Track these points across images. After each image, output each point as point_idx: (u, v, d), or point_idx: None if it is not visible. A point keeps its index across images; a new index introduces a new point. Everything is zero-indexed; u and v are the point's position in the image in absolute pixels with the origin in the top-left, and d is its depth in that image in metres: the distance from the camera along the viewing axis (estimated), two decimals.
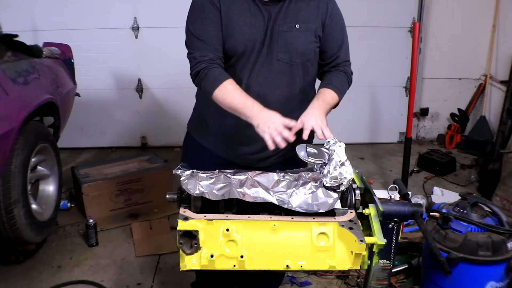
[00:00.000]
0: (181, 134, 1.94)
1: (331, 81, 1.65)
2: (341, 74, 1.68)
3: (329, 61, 1.69)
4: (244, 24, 1.56)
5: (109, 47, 4.15)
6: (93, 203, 3.00)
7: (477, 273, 2.04)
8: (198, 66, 1.55)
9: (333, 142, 1.37)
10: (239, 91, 1.52)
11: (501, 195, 3.17)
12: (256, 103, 1.49)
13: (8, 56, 2.61)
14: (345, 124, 4.33)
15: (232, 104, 1.51)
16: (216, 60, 1.56)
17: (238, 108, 1.49)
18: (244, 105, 1.48)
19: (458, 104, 4.60)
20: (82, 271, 2.58)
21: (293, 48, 1.59)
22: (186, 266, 1.20)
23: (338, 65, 1.70)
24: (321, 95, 1.58)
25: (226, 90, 1.51)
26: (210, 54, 1.55)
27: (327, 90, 1.60)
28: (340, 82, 1.66)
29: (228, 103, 1.52)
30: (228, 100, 1.51)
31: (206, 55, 1.55)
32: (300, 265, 1.21)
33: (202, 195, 1.27)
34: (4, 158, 2.28)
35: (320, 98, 1.57)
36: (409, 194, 1.74)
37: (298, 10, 1.59)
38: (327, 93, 1.59)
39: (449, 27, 4.43)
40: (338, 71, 1.69)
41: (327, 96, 1.58)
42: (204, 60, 1.55)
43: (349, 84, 1.72)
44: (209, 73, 1.53)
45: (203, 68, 1.54)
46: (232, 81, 1.54)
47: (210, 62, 1.55)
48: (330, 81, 1.64)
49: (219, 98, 1.53)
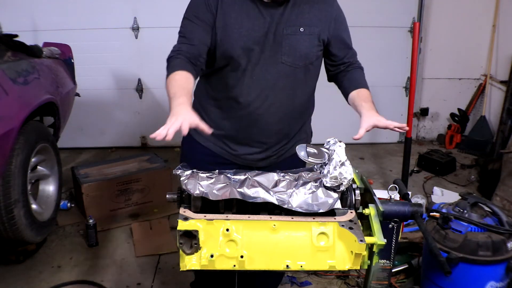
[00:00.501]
0: (181, 134, 1.94)
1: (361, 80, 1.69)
2: (360, 71, 1.73)
3: (343, 62, 1.71)
4: (242, 27, 1.56)
5: (109, 47, 4.16)
6: (93, 203, 3.00)
7: (477, 273, 2.04)
8: (169, 55, 1.57)
9: (333, 142, 1.37)
10: (181, 82, 1.46)
11: (501, 195, 3.17)
12: (182, 97, 1.39)
13: (8, 56, 2.61)
14: (345, 124, 4.30)
15: (168, 93, 1.44)
16: (186, 53, 1.55)
17: (169, 98, 1.42)
18: (173, 95, 1.40)
19: (458, 104, 4.60)
20: (82, 271, 2.58)
21: (297, 51, 1.60)
22: (186, 266, 1.20)
23: (352, 63, 1.73)
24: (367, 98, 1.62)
25: (171, 79, 1.48)
26: (184, 47, 1.56)
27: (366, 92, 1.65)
28: (365, 80, 1.71)
29: (167, 92, 1.46)
30: (167, 89, 1.46)
31: (180, 48, 1.57)
32: (300, 265, 1.21)
33: (202, 195, 1.27)
34: (4, 158, 2.28)
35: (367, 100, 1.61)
36: (409, 194, 1.74)
37: (302, 13, 1.59)
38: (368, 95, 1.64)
39: (449, 27, 4.43)
40: (356, 69, 1.73)
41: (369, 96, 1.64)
42: (175, 50, 1.57)
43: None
44: (171, 62, 1.54)
45: (171, 56, 1.56)
46: (183, 73, 1.49)
47: (178, 52, 1.55)
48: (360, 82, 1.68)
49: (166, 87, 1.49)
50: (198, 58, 1.57)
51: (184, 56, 1.54)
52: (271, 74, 1.60)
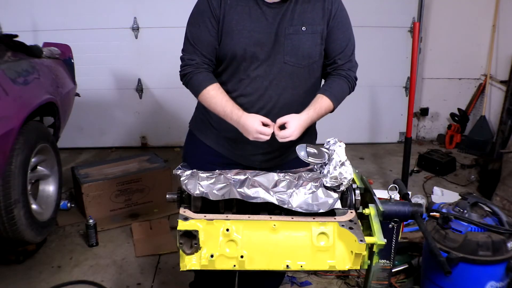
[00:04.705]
0: (181, 134, 1.95)
1: (331, 88, 1.64)
2: (343, 80, 1.66)
3: (331, 63, 1.67)
4: (244, 29, 1.56)
5: (109, 47, 4.15)
6: (93, 203, 3.00)
7: (477, 273, 2.04)
8: (185, 70, 1.62)
9: (333, 142, 1.37)
10: (221, 97, 1.57)
11: (501, 195, 3.17)
12: (234, 110, 1.55)
13: (8, 56, 2.60)
14: (345, 124, 4.33)
15: (215, 110, 1.59)
16: (203, 64, 1.61)
17: (221, 115, 1.58)
18: (224, 113, 1.56)
19: (458, 104, 4.60)
20: (82, 271, 2.58)
21: (300, 50, 1.59)
22: (186, 266, 1.20)
23: (341, 68, 1.67)
24: (318, 104, 1.59)
25: (208, 96, 1.58)
26: (197, 58, 1.61)
27: (324, 99, 1.60)
28: (339, 89, 1.64)
29: (212, 109, 1.60)
30: (211, 106, 1.60)
31: (193, 59, 1.61)
32: (300, 265, 1.21)
33: (202, 195, 1.27)
34: (4, 158, 2.28)
35: (312, 108, 1.58)
36: (409, 194, 1.74)
37: (304, 12, 1.59)
38: (323, 103, 1.60)
39: (449, 27, 4.43)
40: (340, 76, 1.66)
41: (323, 105, 1.60)
42: (191, 64, 1.61)
43: (351, 90, 1.70)
44: (194, 78, 1.60)
45: (189, 72, 1.61)
46: (215, 86, 1.59)
47: (196, 66, 1.60)
48: (330, 88, 1.64)
49: (204, 103, 1.62)
50: (211, 65, 1.63)
51: (202, 68, 1.61)
52: (274, 74, 1.60)
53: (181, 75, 1.65)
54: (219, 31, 1.58)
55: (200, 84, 1.59)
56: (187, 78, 1.62)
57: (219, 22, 1.57)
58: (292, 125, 1.51)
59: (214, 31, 1.58)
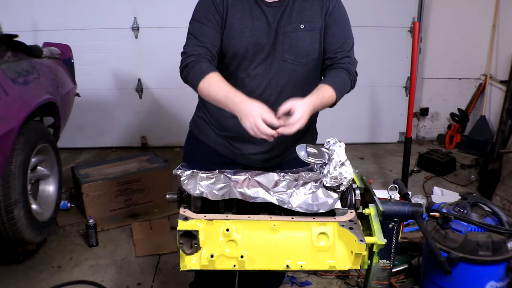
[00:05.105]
0: (181, 134, 1.95)
1: (332, 78, 1.59)
2: (344, 72, 1.62)
3: (330, 58, 1.65)
4: (246, 28, 1.57)
5: (109, 47, 4.15)
6: (93, 203, 3.00)
7: (477, 273, 2.04)
8: (188, 59, 1.56)
9: (333, 142, 1.37)
10: (224, 83, 1.49)
11: (501, 195, 3.17)
12: (238, 94, 1.45)
13: (8, 56, 2.60)
14: (345, 124, 4.33)
15: (216, 95, 1.49)
16: (206, 56, 1.56)
17: (222, 99, 1.47)
18: (226, 97, 1.45)
19: (458, 104, 4.60)
20: (82, 271, 2.58)
21: (299, 48, 1.59)
22: (186, 266, 1.20)
23: (340, 62, 1.63)
24: (320, 92, 1.51)
25: (211, 81, 1.50)
26: (201, 50, 1.56)
27: (326, 87, 1.52)
28: (341, 80, 1.59)
29: (212, 95, 1.50)
30: (212, 92, 1.50)
31: (196, 50, 1.56)
32: (300, 265, 1.21)
33: (202, 195, 1.27)
34: (4, 158, 2.28)
35: (315, 94, 1.49)
36: (409, 194, 1.74)
37: (303, 10, 1.59)
38: (326, 91, 1.52)
39: (449, 27, 4.43)
40: (340, 68, 1.62)
41: (325, 94, 1.52)
42: (194, 54, 1.56)
43: (352, 84, 1.64)
44: (196, 66, 1.53)
45: (192, 61, 1.55)
46: (218, 74, 1.52)
47: (199, 56, 1.56)
48: (331, 78, 1.59)
49: (204, 90, 1.52)
50: (214, 59, 1.59)
51: (206, 59, 1.56)
52: (274, 72, 1.60)
53: (181, 66, 1.58)
54: (222, 28, 1.58)
55: (203, 71, 1.51)
56: (188, 68, 1.55)
57: (223, 19, 1.57)
58: (299, 108, 1.41)
59: (218, 27, 1.58)
